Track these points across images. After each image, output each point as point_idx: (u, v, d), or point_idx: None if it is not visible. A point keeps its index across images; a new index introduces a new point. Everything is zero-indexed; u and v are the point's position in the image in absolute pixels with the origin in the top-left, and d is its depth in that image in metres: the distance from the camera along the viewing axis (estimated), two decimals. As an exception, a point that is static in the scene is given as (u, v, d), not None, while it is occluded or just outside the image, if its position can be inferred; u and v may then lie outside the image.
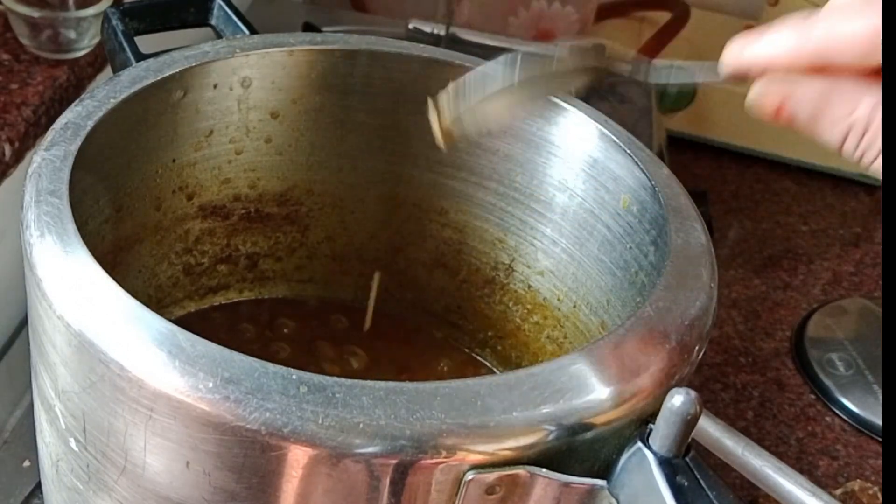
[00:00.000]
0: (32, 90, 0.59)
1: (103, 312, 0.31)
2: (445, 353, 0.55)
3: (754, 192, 1.00)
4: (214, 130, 0.47)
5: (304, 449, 0.29)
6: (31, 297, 0.35)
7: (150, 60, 0.44)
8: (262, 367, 0.30)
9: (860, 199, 1.02)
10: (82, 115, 0.40)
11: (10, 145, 0.56)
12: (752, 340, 0.80)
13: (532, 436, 0.30)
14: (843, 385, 0.74)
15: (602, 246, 0.46)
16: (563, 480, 0.31)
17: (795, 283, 0.87)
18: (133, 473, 0.33)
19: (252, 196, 0.51)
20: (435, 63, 0.48)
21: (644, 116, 0.85)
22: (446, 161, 0.50)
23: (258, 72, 0.46)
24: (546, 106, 0.47)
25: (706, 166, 1.03)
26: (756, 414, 0.72)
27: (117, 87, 0.42)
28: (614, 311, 0.45)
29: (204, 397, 0.29)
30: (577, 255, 0.48)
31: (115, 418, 0.32)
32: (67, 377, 0.33)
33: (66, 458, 0.36)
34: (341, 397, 0.29)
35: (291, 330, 0.55)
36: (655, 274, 0.38)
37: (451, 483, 0.30)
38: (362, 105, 0.49)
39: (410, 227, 0.53)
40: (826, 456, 0.69)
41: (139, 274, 0.49)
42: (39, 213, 0.35)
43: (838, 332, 0.79)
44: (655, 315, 0.35)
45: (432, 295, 0.55)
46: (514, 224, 0.50)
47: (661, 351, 0.33)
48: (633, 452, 0.31)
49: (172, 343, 0.30)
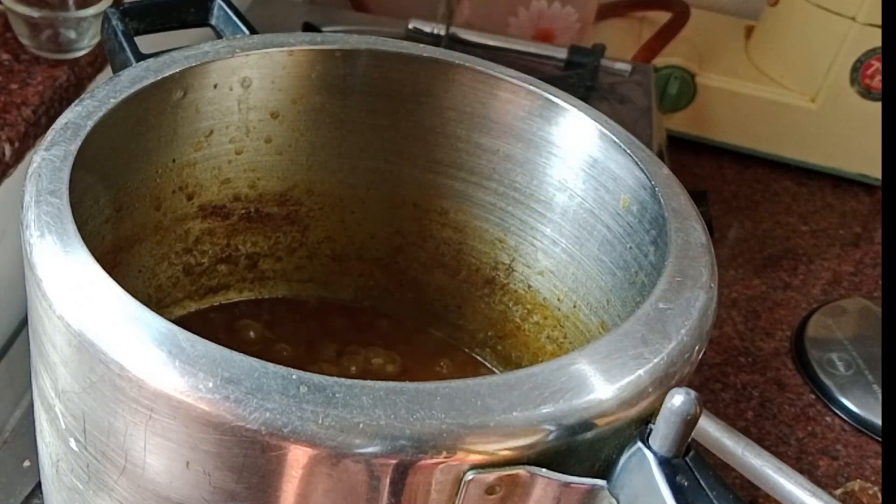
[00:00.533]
0: (32, 90, 0.59)
1: (103, 312, 0.31)
2: (445, 353, 0.55)
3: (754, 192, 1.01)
4: (214, 130, 0.47)
5: (304, 449, 0.29)
6: (31, 297, 0.35)
7: (150, 60, 0.44)
8: (262, 367, 0.30)
9: (860, 199, 1.02)
10: (82, 115, 0.40)
11: (10, 145, 0.56)
12: (752, 340, 0.80)
13: (532, 436, 0.30)
14: (843, 385, 0.74)
15: (602, 246, 0.46)
16: (564, 480, 0.31)
17: (795, 283, 0.87)
18: (133, 473, 0.33)
19: (252, 196, 0.51)
20: (435, 63, 0.48)
21: (644, 116, 0.85)
22: (446, 161, 0.50)
23: (258, 72, 0.46)
24: (546, 106, 0.47)
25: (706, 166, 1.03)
26: (756, 414, 0.72)
27: (117, 87, 0.42)
28: (614, 311, 0.45)
29: (204, 397, 0.29)
30: (577, 254, 0.48)
31: (115, 418, 0.32)
32: (67, 377, 0.33)
33: (66, 458, 0.36)
34: (341, 397, 0.29)
35: (291, 330, 0.55)
36: (655, 274, 0.38)
37: (451, 483, 0.30)
38: (362, 105, 0.49)
39: (410, 227, 0.53)
40: (826, 456, 0.69)
41: (139, 274, 0.49)
42: (39, 213, 0.35)
43: (838, 332, 0.80)
44: (655, 315, 0.35)
45: (432, 295, 0.55)
46: (514, 224, 0.50)
47: (661, 351, 0.33)
48: (633, 452, 0.31)
49: (172, 343, 0.30)
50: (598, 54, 0.89)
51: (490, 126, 0.49)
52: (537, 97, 0.47)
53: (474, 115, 0.49)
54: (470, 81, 0.48)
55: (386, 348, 0.54)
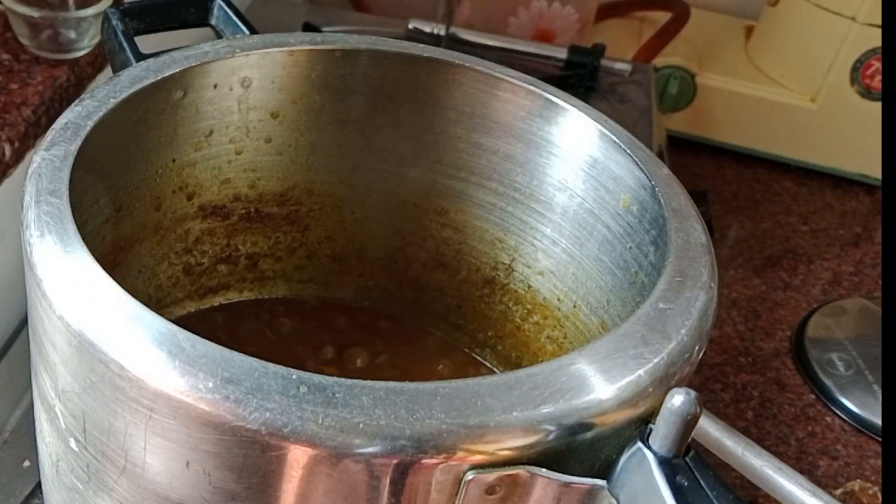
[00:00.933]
0: (32, 90, 0.59)
1: (103, 312, 0.31)
2: (445, 353, 0.55)
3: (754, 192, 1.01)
4: (214, 130, 0.47)
5: (304, 449, 0.29)
6: (31, 297, 0.35)
7: (150, 60, 0.44)
8: (262, 367, 0.30)
9: (860, 199, 1.02)
10: (82, 115, 0.40)
11: (10, 145, 0.56)
12: (752, 340, 0.80)
13: (532, 436, 0.30)
14: (843, 385, 0.74)
15: (602, 246, 0.46)
16: (564, 480, 0.31)
17: (795, 283, 0.87)
18: (133, 473, 0.33)
19: (252, 196, 0.51)
20: (435, 63, 0.48)
21: (644, 116, 0.85)
22: (446, 161, 0.50)
23: (258, 72, 0.46)
24: (546, 106, 0.47)
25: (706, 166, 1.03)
26: (756, 414, 0.72)
27: (117, 87, 0.42)
28: (614, 311, 0.45)
29: (204, 397, 0.29)
30: (577, 254, 0.48)
31: (115, 418, 0.32)
32: (67, 377, 0.33)
33: (66, 458, 0.36)
34: (341, 397, 0.29)
35: (291, 330, 0.55)
36: (655, 274, 0.38)
37: (451, 483, 0.30)
38: (362, 105, 0.49)
39: (410, 227, 0.53)
40: (826, 456, 0.69)
41: (139, 274, 0.49)
42: (39, 213, 0.35)
43: (838, 332, 0.80)
44: (655, 315, 0.35)
45: (432, 295, 0.55)
46: (514, 224, 0.50)
47: (661, 351, 0.33)
48: (633, 452, 0.31)
49: (172, 343, 0.30)
50: (598, 54, 0.89)
51: (490, 126, 0.49)
52: (537, 97, 0.47)
53: (474, 115, 0.49)
54: (470, 81, 0.48)
55: (386, 348, 0.54)
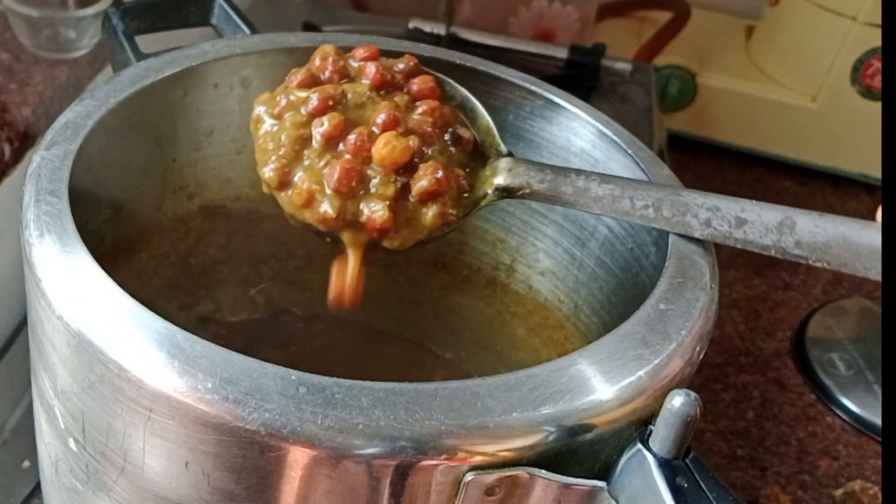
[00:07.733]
0: (32, 90, 0.59)
1: (103, 312, 0.31)
2: (444, 354, 0.55)
3: (754, 192, 1.00)
4: (215, 130, 0.47)
5: (303, 450, 0.29)
6: (31, 297, 0.35)
7: (151, 60, 0.44)
8: (262, 368, 0.30)
9: (860, 199, 1.02)
10: (82, 114, 0.40)
11: (9, 145, 0.56)
12: (752, 340, 0.80)
13: (532, 437, 0.30)
14: (843, 385, 0.74)
15: (603, 246, 0.46)
16: (563, 482, 0.31)
17: (796, 283, 0.87)
18: (132, 474, 0.33)
19: (252, 196, 0.51)
20: (435, 63, 0.48)
21: (644, 116, 0.85)
22: (446, 161, 0.50)
23: (258, 71, 0.46)
24: (547, 106, 0.47)
25: (706, 166, 1.03)
26: (757, 414, 0.72)
27: (117, 87, 0.42)
28: (615, 312, 0.45)
29: (203, 398, 0.29)
30: (579, 255, 0.48)
31: (114, 418, 0.32)
32: (66, 377, 0.33)
33: (66, 459, 0.36)
34: (341, 398, 0.29)
35: (292, 330, 0.55)
36: (656, 274, 0.38)
37: (450, 484, 0.30)
38: (362, 105, 0.49)
39: (410, 227, 0.53)
40: (827, 456, 0.69)
41: (139, 274, 0.49)
42: (39, 212, 0.35)
43: (839, 332, 0.79)
44: (656, 315, 0.35)
45: (432, 295, 0.55)
46: (515, 224, 0.50)
47: (661, 352, 0.33)
48: (632, 454, 0.31)
49: (171, 343, 0.30)
50: (599, 54, 0.89)
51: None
52: (537, 97, 0.47)
53: (474, 115, 0.48)
54: (470, 81, 0.48)
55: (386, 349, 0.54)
